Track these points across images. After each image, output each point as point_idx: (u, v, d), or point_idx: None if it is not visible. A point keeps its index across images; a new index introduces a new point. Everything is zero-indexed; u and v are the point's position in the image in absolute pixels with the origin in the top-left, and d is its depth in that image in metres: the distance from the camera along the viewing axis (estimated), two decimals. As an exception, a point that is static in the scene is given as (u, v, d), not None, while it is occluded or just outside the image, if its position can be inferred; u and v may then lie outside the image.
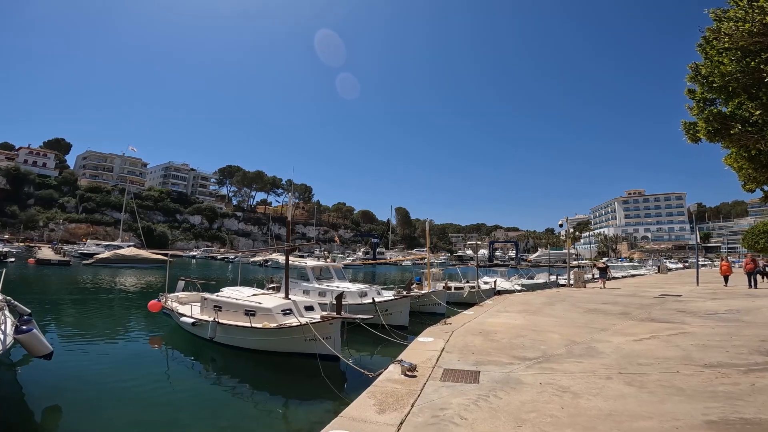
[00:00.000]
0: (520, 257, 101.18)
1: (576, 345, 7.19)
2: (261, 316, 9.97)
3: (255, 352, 10.02)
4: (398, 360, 6.01)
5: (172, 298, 14.53)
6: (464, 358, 6.35)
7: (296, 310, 10.47)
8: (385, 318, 13.81)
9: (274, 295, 11.54)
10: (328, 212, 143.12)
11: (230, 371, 9.44)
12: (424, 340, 7.63)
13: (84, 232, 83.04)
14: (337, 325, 9.22)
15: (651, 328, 8.79)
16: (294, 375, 9.18)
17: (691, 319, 10.00)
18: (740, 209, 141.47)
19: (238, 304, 10.69)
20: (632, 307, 12.53)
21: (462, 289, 21.06)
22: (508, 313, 11.24)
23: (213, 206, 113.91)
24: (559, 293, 17.75)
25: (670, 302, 13.81)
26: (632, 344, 7.23)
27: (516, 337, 7.85)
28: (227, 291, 12.33)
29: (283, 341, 9.54)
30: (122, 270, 40.12)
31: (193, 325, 11.22)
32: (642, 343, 7.28)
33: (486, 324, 9.39)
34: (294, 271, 17.52)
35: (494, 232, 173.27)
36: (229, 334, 10.34)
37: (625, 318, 10.33)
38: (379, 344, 11.15)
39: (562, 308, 12.45)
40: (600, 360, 6.18)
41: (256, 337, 9.79)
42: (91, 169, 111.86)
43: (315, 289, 15.81)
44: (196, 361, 10.15)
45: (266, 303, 10.33)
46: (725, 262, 22.90)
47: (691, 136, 7.42)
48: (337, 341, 9.25)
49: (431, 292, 16.22)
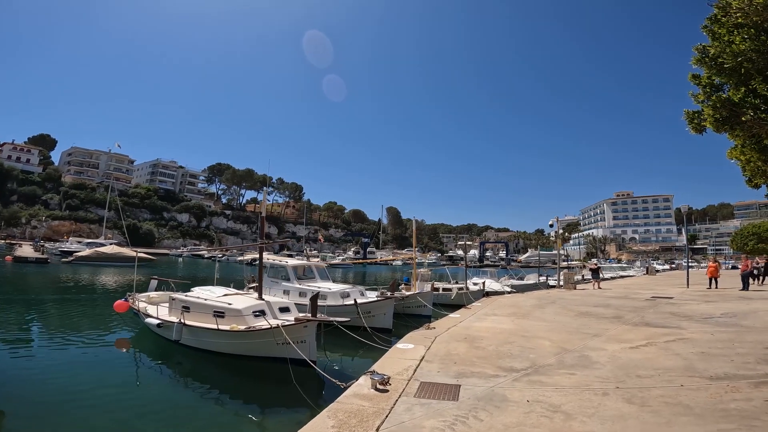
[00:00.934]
0: (510, 258, 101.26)
1: (568, 353, 6.58)
2: (230, 317, 9.29)
3: (225, 355, 9.36)
4: (370, 371, 5.33)
5: (142, 297, 13.79)
6: (445, 368, 5.70)
7: (270, 311, 9.78)
8: (367, 320, 13.14)
9: (247, 295, 10.81)
10: (319, 211, 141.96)
11: (196, 376, 8.82)
12: (403, 347, 6.97)
13: (67, 229, 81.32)
14: (312, 328, 8.54)
15: (646, 333, 8.24)
16: (264, 381, 8.54)
17: (687, 323, 9.49)
18: (726, 212, 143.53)
19: (206, 304, 9.97)
20: (625, 310, 12.02)
21: (450, 291, 20.49)
22: (496, 316, 10.62)
23: (201, 204, 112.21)
24: (549, 295, 17.23)
25: (663, 305, 13.34)
26: (628, 352, 6.65)
27: (503, 344, 7.22)
28: (198, 291, 11.60)
29: (253, 345, 8.87)
30: (103, 268, 39.07)
31: (159, 326, 10.50)
32: (639, 351, 6.70)
33: (472, 329, 8.76)
34: (275, 270, 16.78)
35: (485, 233, 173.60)
36: (195, 336, 9.65)
37: (618, 322, 9.78)
38: (360, 348, 10.53)
39: (553, 311, 11.88)
40: (594, 371, 5.57)
41: (223, 340, 9.11)
42: (75, 165, 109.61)
43: (295, 289, 15.09)
44: (162, 364, 9.54)
45: (236, 304, 9.63)
46: (713, 263, 21.58)
47: (694, 126, 6.85)
48: (312, 345, 8.60)
49: (417, 294, 15.59)
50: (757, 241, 32.27)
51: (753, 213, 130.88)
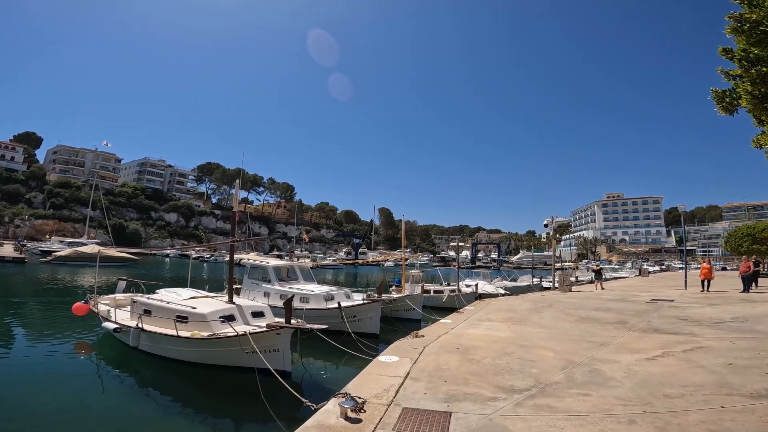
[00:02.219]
0: (502, 259, 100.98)
1: (576, 367, 5.68)
2: (193, 323, 8.32)
3: (189, 364, 8.37)
4: (342, 393, 4.37)
5: (106, 300, 12.71)
6: (434, 388, 4.76)
7: (240, 316, 8.79)
8: (353, 324, 12.18)
9: (217, 298, 9.80)
10: (311, 212, 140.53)
11: (156, 385, 7.97)
12: (386, 360, 6.02)
13: (51, 228, 79.44)
14: (286, 335, 7.58)
15: (659, 341, 7.39)
16: (231, 394, 7.61)
17: (699, 329, 8.68)
18: (715, 214, 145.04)
19: (168, 308, 8.96)
20: (627, 315, 11.21)
21: (442, 293, 19.59)
22: (491, 322, 9.72)
23: (190, 204, 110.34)
24: (545, 298, 16.40)
25: (666, 308, 12.58)
26: (646, 365, 5.78)
27: (501, 356, 6.31)
28: (163, 293, 10.59)
29: (217, 353, 7.89)
30: (82, 269, 37.75)
31: (115, 331, 9.51)
32: (657, 364, 5.84)
33: (465, 337, 7.84)
34: (256, 271, 15.76)
35: (477, 234, 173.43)
36: (155, 342, 8.68)
37: (624, 328, 8.94)
38: (345, 355, 9.59)
39: (551, 316, 11.02)
40: (612, 390, 4.68)
41: (184, 348, 8.11)
42: (61, 163, 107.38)
43: (276, 292, 14.07)
44: (120, 372, 8.71)
45: (201, 308, 8.63)
46: (707, 264, 20.23)
47: (724, 106, 6.02)
48: (286, 355, 7.65)
49: (406, 296, 14.66)
50: (752, 242, 31.92)
51: (741, 215, 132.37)
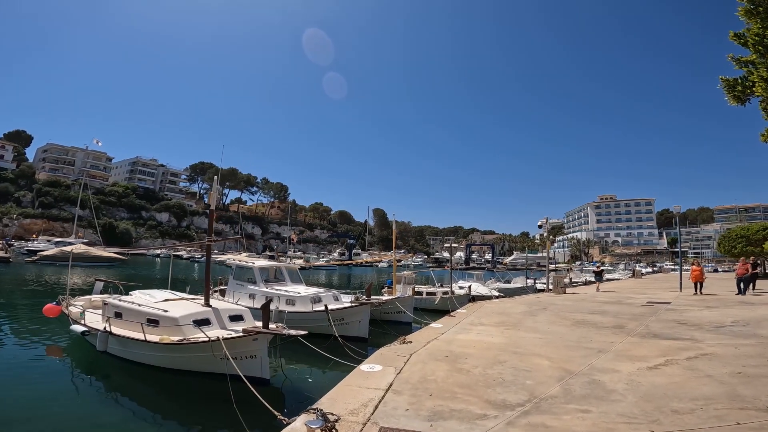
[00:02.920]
0: (496, 260, 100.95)
1: (574, 378, 5.24)
2: (165, 326, 7.84)
3: (162, 369, 7.89)
4: (314, 409, 3.88)
5: (80, 301, 12.16)
6: (417, 403, 4.29)
7: (216, 320, 8.29)
8: (341, 328, 11.69)
9: (194, 300, 9.28)
10: (305, 212, 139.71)
11: (125, 391, 7.60)
12: (368, 370, 5.54)
13: (40, 228, 78.44)
14: (264, 341, 7.09)
15: (660, 348, 6.98)
16: (202, 401, 7.21)
17: (699, 334, 8.30)
18: (706, 215, 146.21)
19: (139, 311, 8.47)
20: (624, 318, 10.82)
21: (434, 295, 19.15)
22: (483, 326, 9.26)
23: (182, 203, 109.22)
24: (539, 300, 16.01)
25: (663, 312, 12.22)
26: (648, 374, 5.35)
27: (493, 365, 5.85)
28: (136, 294, 10.09)
29: (188, 359, 7.41)
30: (68, 268, 36.84)
31: (83, 334, 9.02)
32: (660, 373, 5.42)
33: (455, 343, 7.37)
34: (242, 272, 15.22)
35: (471, 235, 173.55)
36: (124, 347, 8.19)
37: (622, 333, 8.54)
38: (329, 361, 9.10)
39: (546, 320, 10.60)
40: (615, 405, 4.23)
41: (154, 353, 7.65)
42: (51, 162, 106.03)
43: (262, 293, 13.54)
44: (90, 376, 8.36)
45: (173, 311, 8.13)
46: (697, 267, 19.22)
47: (736, 95, 5.64)
48: (264, 361, 7.17)
49: (396, 299, 14.18)
50: (746, 243, 31.84)
51: (732, 217, 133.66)
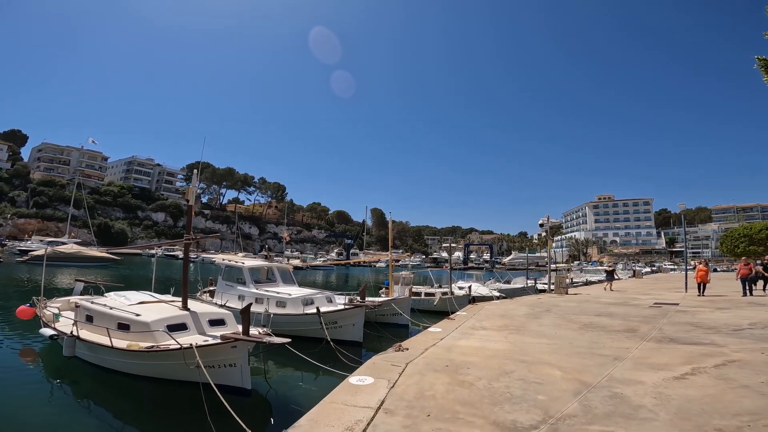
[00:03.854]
0: (494, 260, 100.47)
1: (592, 391, 4.60)
2: (136, 332, 7.23)
3: (136, 376, 7.32)
4: (290, 437, 3.24)
5: (57, 303, 11.48)
6: (412, 426, 3.64)
7: (194, 324, 7.65)
8: (334, 332, 11.05)
9: (172, 303, 8.61)
10: (302, 212, 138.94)
11: (96, 399, 7.18)
12: (357, 383, 4.89)
13: (34, 227, 77.79)
14: (243, 349, 6.43)
15: (681, 354, 6.35)
16: (174, 411, 6.70)
17: (720, 338, 7.68)
18: (704, 215, 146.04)
19: (110, 314, 7.85)
20: (634, 321, 10.20)
21: (433, 296, 18.51)
22: (485, 330, 8.61)
23: (178, 203, 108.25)
24: (541, 301, 15.39)
25: (674, 313, 11.61)
26: (677, 386, 4.71)
27: (498, 376, 5.20)
28: (111, 296, 9.48)
29: (159, 367, 6.83)
30: (60, 268, 36.48)
31: (52, 338, 8.44)
32: (690, 383, 4.78)
33: (456, 350, 6.72)
34: (231, 273, 14.55)
35: (469, 235, 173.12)
36: (93, 352, 7.65)
37: (635, 337, 7.91)
38: (319, 369, 8.48)
39: (551, 322, 9.96)
40: (647, 425, 3.59)
41: (123, 360, 7.07)
42: (46, 161, 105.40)
43: (251, 295, 12.87)
44: (60, 382, 7.91)
45: (146, 315, 7.50)
46: (703, 266, 18.33)
47: None
48: (244, 370, 6.53)
49: (392, 300, 13.54)
50: (749, 243, 31.30)
51: (730, 217, 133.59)
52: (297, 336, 11.71)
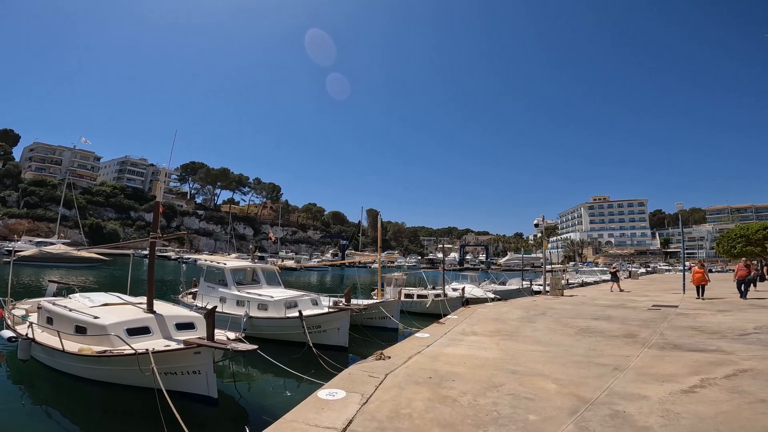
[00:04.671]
0: (490, 261, 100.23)
1: (591, 409, 4.05)
2: (92, 336, 6.73)
3: (94, 381, 6.90)
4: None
5: (30, 304, 10.87)
6: (381, 456, 3.08)
7: (159, 328, 7.10)
8: (318, 336, 10.48)
9: (138, 305, 8.04)
10: (298, 213, 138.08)
11: (52, 404, 6.86)
12: (326, 397, 4.32)
13: (25, 228, 76.91)
14: (208, 355, 5.87)
15: (687, 363, 5.83)
16: (134, 419, 6.24)
17: (726, 344, 7.17)
18: (698, 216, 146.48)
19: (69, 317, 7.38)
20: (633, 324, 9.69)
21: (425, 298, 17.97)
22: (476, 336, 8.04)
23: (172, 203, 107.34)
24: (536, 304, 14.87)
25: (674, 316, 11.11)
26: (686, 401, 4.17)
27: (486, 390, 4.64)
28: (76, 298, 8.96)
29: (116, 373, 6.38)
30: (47, 269, 35.86)
31: (10, 340, 8.01)
32: (700, 398, 4.24)
33: (442, 358, 6.15)
34: (212, 274, 13.94)
35: (465, 236, 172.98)
36: (50, 356, 7.27)
37: (636, 343, 7.38)
38: (294, 377, 7.96)
39: (546, 326, 9.43)
40: (653, 460, 3.05)
41: (77, 364, 6.64)
42: (37, 161, 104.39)
43: (233, 297, 12.28)
44: (23, 386, 7.62)
45: (104, 318, 6.99)
46: (700, 268, 17.22)
47: None
48: (210, 378, 5.98)
49: (379, 303, 12.97)
50: (746, 243, 30.98)
51: (724, 217, 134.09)
52: (280, 340, 11.17)
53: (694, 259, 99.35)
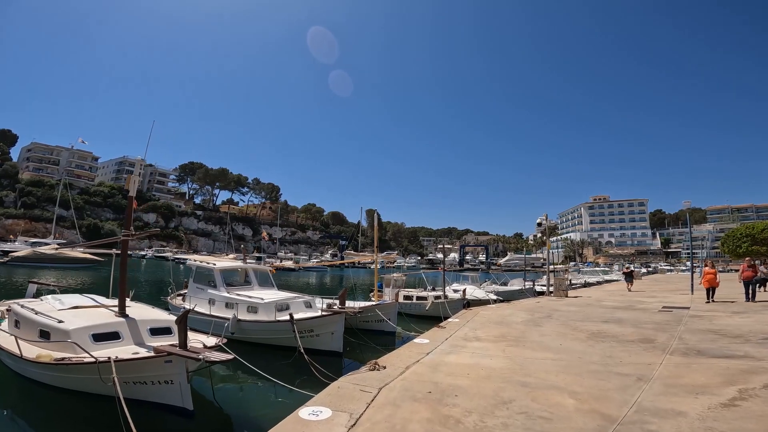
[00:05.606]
0: (490, 261, 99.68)
1: (620, 430, 3.44)
2: (56, 341, 6.21)
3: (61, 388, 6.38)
4: None
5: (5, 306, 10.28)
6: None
7: (130, 333, 6.51)
8: (311, 341, 9.85)
9: (111, 308, 7.43)
10: (297, 213, 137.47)
11: (13, 409, 6.49)
12: (308, 417, 3.70)
13: (22, 228, 76.67)
14: (180, 364, 5.27)
15: (717, 370, 5.21)
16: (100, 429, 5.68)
17: (752, 348, 6.55)
18: (698, 216, 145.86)
19: (33, 320, 6.84)
20: (648, 328, 9.07)
21: (425, 300, 17.34)
22: (479, 342, 7.41)
23: (170, 204, 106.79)
24: (540, 305, 14.25)
25: (688, 319, 10.50)
26: (728, 416, 3.56)
27: (494, 408, 4.02)
28: (48, 300, 8.42)
29: (79, 381, 5.86)
30: (41, 270, 35.30)
31: None
32: (743, 412, 3.63)
33: (443, 368, 5.53)
34: (202, 275, 13.33)
35: (465, 236, 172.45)
36: (11, 360, 6.84)
37: (656, 349, 6.76)
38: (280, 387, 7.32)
39: (554, 331, 8.81)
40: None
41: (38, 371, 6.20)
42: (35, 161, 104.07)
43: (222, 299, 11.66)
44: None
45: (70, 322, 6.44)
46: (711, 269, 15.98)
47: None
48: (183, 387, 5.38)
49: (376, 305, 12.36)
50: (751, 242, 30.39)
51: (725, 217, 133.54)
52: (270, 345, 10.57)
53: (706, 259, 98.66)
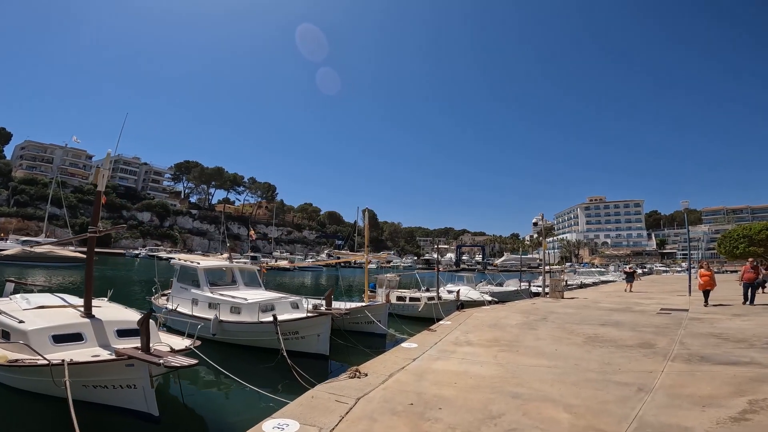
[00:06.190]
0: (486, 261, 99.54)
1: (621, 455, 3.05)
2: (15, 342, 5.83)
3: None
4: None
5: None
6: None
7: (95, 335, 6.12)
8: (296, 343, 9.43)
9: (79, 308, 7.02)
10: (293, 212, 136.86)
11: None
12: (272, 431, 3.29)
13: (14, 227, 75.99)
14: (142, 369, 4.87)
15: (723, 378, 4.84)
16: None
17: (758, 354, 6.19)
18: (694, 217, 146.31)
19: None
20: (647, 332, 8.71)
21: (418, 301, 16.95)
22: (470, 346, 7.01)
23: (165, 203, 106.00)
24: (536, 307, 13.89)
25: (688, 321, 10.16)
26: (741, 447, 3.19)
27: (481, 423, 3.62)
28: (17, 299, 8.07)
29: (30, 383, 5.60)
30: (30, 269, 34.90)
31: None
32: (756, 428, 3.27)
33: (429, 376, 5.12)
34: (186, 274, 12.90)
35: (462, 237, 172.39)
36: None
37: (656, 354, 6.39)
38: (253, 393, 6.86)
39: (549, 334, 8.43)
40: None
41: None
42: (28, 160, 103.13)
43: (205, 299, 11.24)
44: None
45: (30, 322, 6.07)
46: (707, 271, 15.00)
47: None
48: (147, 392, 4.97)
49: (365, 307, 11.95)
50: (748, 244, 30.24)
51: (720, 218, 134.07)
52: (254, 347, 10.17)
53: (702, 260, 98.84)
